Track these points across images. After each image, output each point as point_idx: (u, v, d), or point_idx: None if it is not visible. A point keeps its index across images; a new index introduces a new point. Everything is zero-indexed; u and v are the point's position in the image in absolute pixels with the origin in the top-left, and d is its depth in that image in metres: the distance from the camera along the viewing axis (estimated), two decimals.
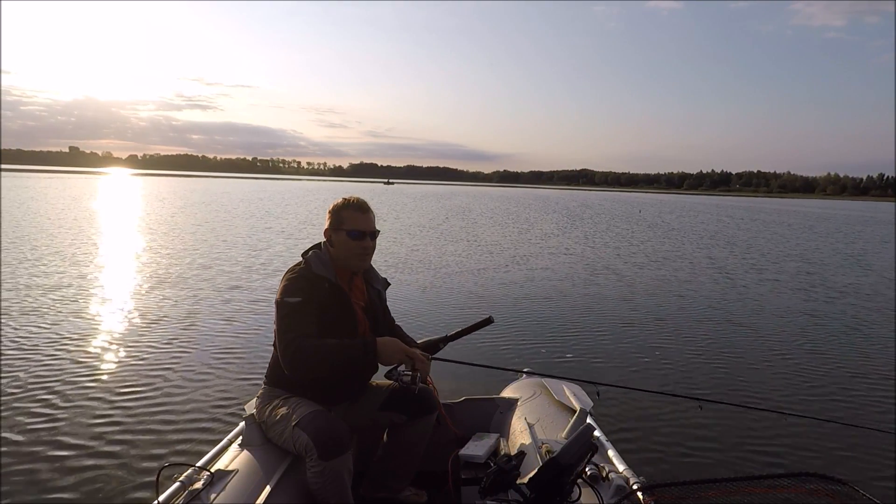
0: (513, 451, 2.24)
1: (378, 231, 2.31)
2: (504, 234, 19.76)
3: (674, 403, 4.49)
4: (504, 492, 1.55)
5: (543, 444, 2.13)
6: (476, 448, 2.40)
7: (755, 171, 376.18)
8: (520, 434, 2.38)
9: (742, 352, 6.28)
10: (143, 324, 6.54)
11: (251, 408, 2.29)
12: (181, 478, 1.82)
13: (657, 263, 13.34)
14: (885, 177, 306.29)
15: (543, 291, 9.32)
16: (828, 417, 4.35)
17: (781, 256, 16.09)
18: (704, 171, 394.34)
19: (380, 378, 2.39)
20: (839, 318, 8.16)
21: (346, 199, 2.27)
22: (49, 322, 6.42)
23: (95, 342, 5.79)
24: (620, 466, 1.92)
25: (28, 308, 6.99)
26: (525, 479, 1.53)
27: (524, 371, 3.04)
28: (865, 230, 30.69)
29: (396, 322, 2.57)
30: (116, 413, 4.11)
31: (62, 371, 4.91)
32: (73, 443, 3.65)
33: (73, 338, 5.88)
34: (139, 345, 5.74)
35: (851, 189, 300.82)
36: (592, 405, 2.50)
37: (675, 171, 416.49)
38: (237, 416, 3.74)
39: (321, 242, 2.32)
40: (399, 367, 2.15)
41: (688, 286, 10.40)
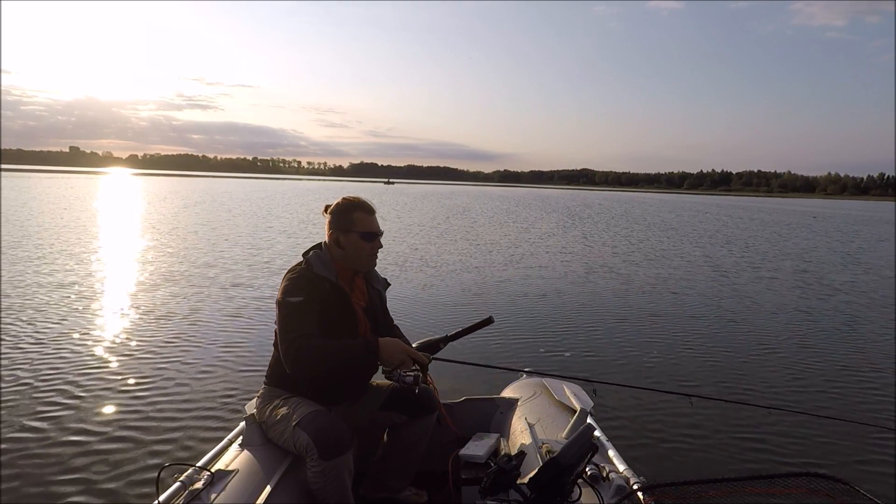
0: (513, 451, 2.24)
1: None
2: (504, 234, 19.76)
3: (674, 403, 4.49)
4: (504, 492, 1.55)
5: (544, 444, 2.13)
6: (476, 448, 2.39)
7: (755, 171, 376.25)
8: (520, 434, 2.38)
9: (739, 349, 6.35)
10: (144, 323, 6.54)
11: (251, 408, 2.29)
12: (181, 477, 1.82)
13: (656, 262, 13.35)
14: (886, 176, 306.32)
15: (543, 291, 9.32)
16: (826, 414, 4.40)
17: (778, 255, 16.19)
18: (705, 171, 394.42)
19: (380, 378, 2.39)
20: (833, 315, 8.27)
21: (351, 200, 2.26)
22: (49, 321, 6.42)
23: (96, 342, 5.79)
24: (621, 466, 1.92)
25: (28, 307, 6.99)
26: (525, 479, 1.53)
27: (524, 371, 3.04)
28: (863, 229, 30.75)
29: (396, 322, 2.58)
30: (117, 413, 4.11)
31: (62, 371, 4.91)
32: (74, 442, 3.65)
33: (74, 337, 5.88)
34: (139, 344, 5.74)
35: (852, 189, 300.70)
36: (593, 405, 2.50)
37: (676, 171, 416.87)
38: (237, 416, 3.74)
39: (321, 243, 2.31)
40: (399, 369, 2.15)
41: (686, 285, 10.43)
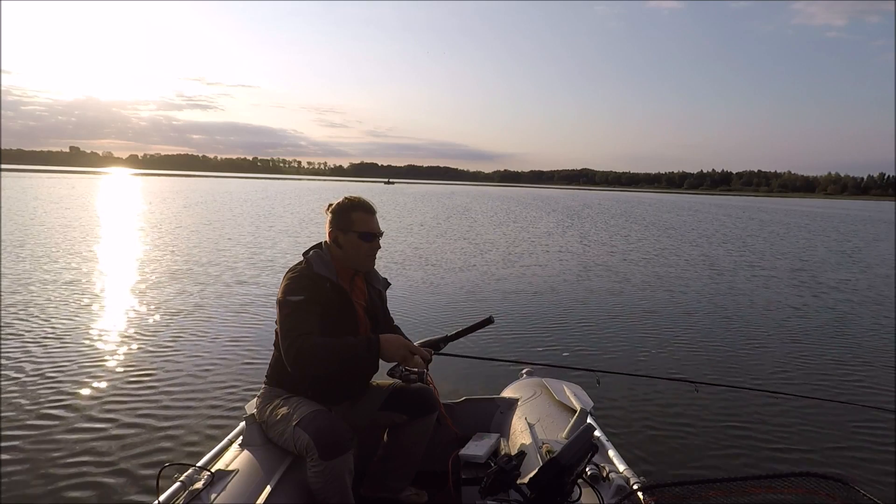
0: (513, 451, 2.24)
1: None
2: (504, 234, 19.76)
3: (674, 404, 4.52)
4: (504, 492, 1.55)
5: (544, 444, 2.13)
6: (476, 448, 2.39)
7: (756, 171, 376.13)
8: (520, 434, 2.38)
9: (739, 343, 6.52)
10: (144, 323, 6.54)
11: (252, 407, 2.29)
12: (182, 478, 1.81)
13: (655, 261, 13.37)
14: (886, 176, 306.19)
15: (543, 290, 9.33)
16: (829, 397, 4.62)
17: (775, 253, 16.36)
18: (705, 171, 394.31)
19: (380, 378, 2.39)
20: (827, 311, 8.48)
21: (352, 200, 2.26)
22: (49, 321, 6.42)
23: (96, 341, 5.79)
24: (621, 466, 1.92)
25: (29, 307, 6.99)
26: (525, 479, 1.53)
27: (524, 371, 3.04)
28: (860, 229, 30.88)
29: (396, 322, 2.57)
30: (117, 413, 4.11)
31: (63, 370, 4.91)
32: (74, 442, 3.65)
33: (74, 337, 5.88)
34: (139, 344, 5.74)
35: (852, 188, 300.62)
36: (593, 405, 2.50)
37: (676, 171, 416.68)
38: (237, 416, 3.74)
39: (322, 242, 2.31)
40: (401, 365, 2.15)
41: (685, 283, 10.51)
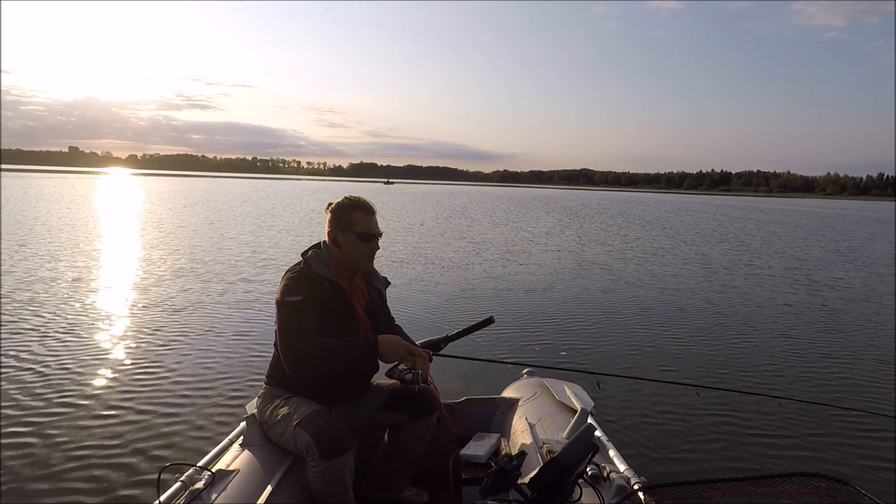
0: (514, 451, 2.24)
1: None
2: (504, 234, 19.76)
3: (675, 403, 4.53)
4: (505, 492, 1.55)
5: (544, 444, 2.13)
6: (477, 448, 2.40)
7: (755, 171, 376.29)
8: (521, 434, 2.38)
9: (740, 343, 6.53)
10: (144, 323, 6.53)
11: (252, 408, 2.29)
12: (182, 478, 1.82)
13: (654, 260, 13.39)
14: (885, 176, 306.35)
15: (543, 290, 9.33)
16: (830, 403, 4.61)
17: (771, 252, 16.53)
18: (704, 171, 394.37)
19: (380, 378, 2.39)
20: (819, 309, 8.61)
21: (352, 200, 2.25)
22: (50, 320, 6.42)
23: (97, 341, 5.78)
24: (621, 466, 1.92)
25: (30, 306, 6.98)
26: (526, 479, 1.53)
27: (525, 371, 3.04)
28: (857, 228, 31.00)
29: (397, 322, 2.57)
30: (117, 413, 4.11)
31: (63, 370, 4.90)
32: (74, 442, 3.65)
33: (74, 336, 5.87)
34: (140, 344, 5.74)
35: (851, 189, 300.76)
36: (593, 405, 2.50)
37: (675, 171, 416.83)
38: (238, 416, 3.74)
39: (321, 242, 2.31)
40: (400, 366, 2.15)
41: (682, 283, 10.55)
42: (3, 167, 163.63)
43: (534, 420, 2.43)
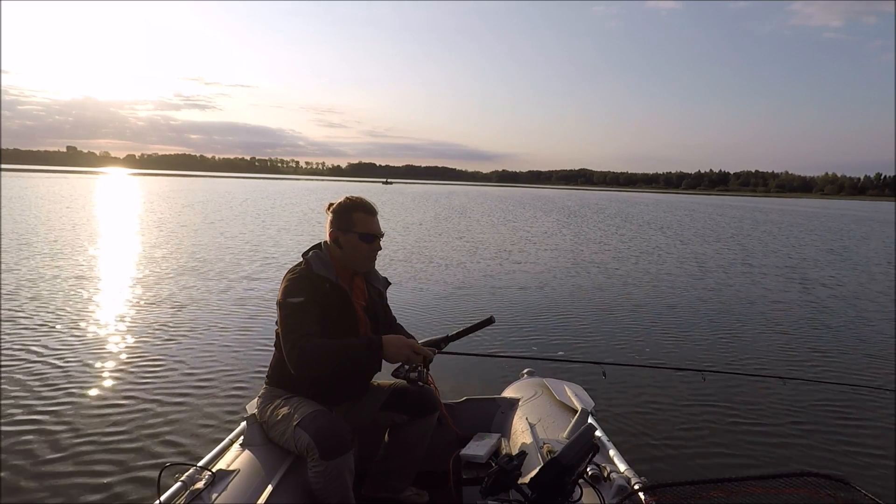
0: (514, 451, 2.24)
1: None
2: (502, 234, 19.75)
3: (675, 403, 4.55)
4: (505, 492, 1.55)
5: (545, 444, 2.13)
6: (477, 448, 2.40)
7: (753, 171, 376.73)
8: (521, 434, 2.38)
9: (739, 335, 6.76)
10: (145, 323, 6.52)
11: (252, 407, 2.29)
12: (182, 478, 1.82)
13: (651, 259, 13.45)
14: (883, 176, 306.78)
15: (542, 289, 9.34)
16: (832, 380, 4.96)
17: (765, 251, 16.79)
18: (703, 171, 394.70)
19: (381, 378, 2.39)
20: (810, 305, 8.88)
21: (353, 200, 2.25)
22: (50, 320, 6.41)
23: (97, 340, 5.77)
24: (622, 466, 1.93)
25: (28, 306, 6.96)
26: (526, 479, 1.54)
27: (525, 371, 3.04)
28: (853, 228, 31.16)
29: (398, 322, 2.57)
30: (118, 413, 4.10)
31: (63, 370, 4.89)
32: (74, 442, 3.64)
33: (75, 336, 5.86)
34: (140, 344, 5.73)
35: (849, 189, 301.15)
36: (594, 405, 2.51)
37: (674, 171, 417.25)
38: (238, 416, 3.74)
39: (321, 242, 2.31)
40: (405, 365, 2.15)
41: (679, 280, 10.72)
42: (2, 167, 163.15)
43: (534, 420, 2.43)
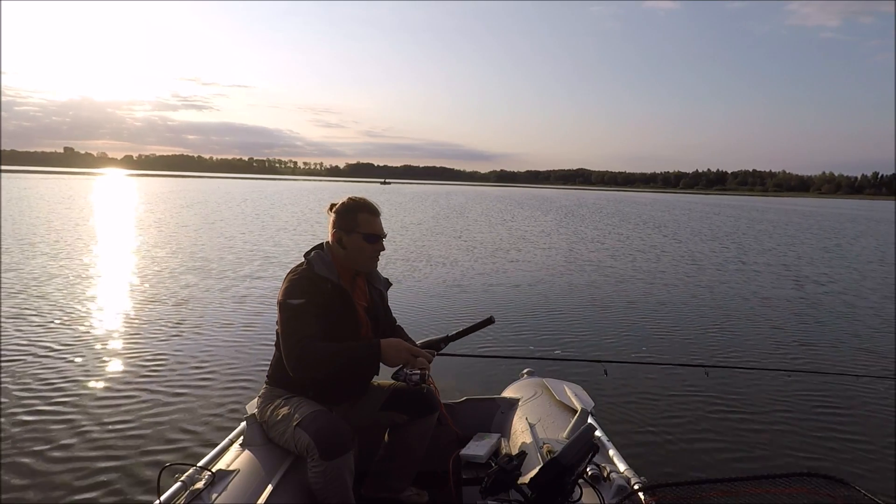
0: (514, 451, 2.24)
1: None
2: (501, 234, 19.75)
3: (676, 403, 4.56)
4: (505, 492, 1.56)
5: (545, 444, 2.13)
6: (477, 448, 2.40)
7: (751, 171, 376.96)
8: (521, 434, 2.38)
9: (742, 333, 6.85)
10: (145, 323, 6.52)
11: (252, 407, 2.30)
12: (182, 478, 1.82)
13: (649, 258, 13.49)
14: (880, 175, 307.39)
15: (542, 288, 9.37)
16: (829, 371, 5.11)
17: (760, 249, 17.00)
18: (700, 171, 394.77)
19: (382, 378, 2.39)
20: (800, 301, 9.09)
21: (356, 201, 2.26)
22: (50, 320, 6.40)
23: (97, 340, 5.77)
24: (622, 466, 1.93)
25: (27, 307, 6.95)
26: (526, 479, 1.54)
27: (525, 371, 3.05)
28: (848, 227, 31.26)
29: (398, 323, 2.57)
30: (117, 413, 4.10)
31: (63, 370, 4.89)
32: (74, 442, 3.64)
33: (75, 336, 5.86)
34: (140, 344, 5.73)
35: (846, 188, 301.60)
36: (594, 405, 2.51)
37: (672, 171, 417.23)
38: (238, 416, 3.74)
39: (323, 243, 2.31)
40: (405, 368, 2.15)
41: (676, 278, 10.82)
42: (1, 168, 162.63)
43: (534, 420, 2.44)
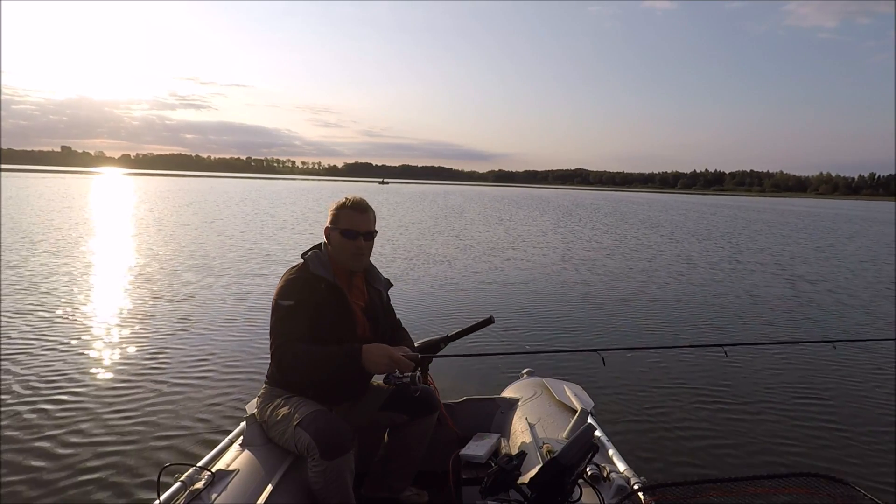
0: (514, 451, 2.24)
1: (375, 231, 2.29)
2: (499, 233, 19.75)
3: (675, 403, 4.58)
4: (505, 492, 1.56)
5: (544, 444, 2.13)
6: (477, 448, 2.40)
7: (748, 171, 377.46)
8: (521, 434, 2.38)
9: (730, 326, 6.93)
10: (145, 322, 6.51)
11: (252, 407, 2.30)
12: (182, 478, 1.82)
13: (646, 257, 13.55)
14: (877, 176, 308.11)
15: (540, 287, 9.39)
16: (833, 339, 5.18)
17: (754, 248, 17.26)
18: (698, 171, 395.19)
19: (381, 378, 2.40)
20: (792, 299, 9.25)
21: (345, 198, 2.28)
22: (50, 319, 6.39)
23: (97, 340, 5.76)
24: (621, 466, 1.93)
25: (27, 307, 6.93)
26: (526, 479, 1.54)
27: (525, 371, 3.05)
28: (842, 227, 31.41)
29: (402, 326, 2.54)
30: (117, 413, 4.09)
31: (63, 370, 4.88)
32: (74, 442, 3.64)
33: (75, 336, 5.84)
34: (140, 344, 5.72)
35: (843, 188, 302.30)
36: (593, 405, 2.52)
37: (670, 171, 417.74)
38: (238, 416, 3.74)
39: (322, 242, 2.32)
40: (396, 371, 2.14)
41: (672, 276, 10.97)
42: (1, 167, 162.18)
43: (534, 420, 2.44)
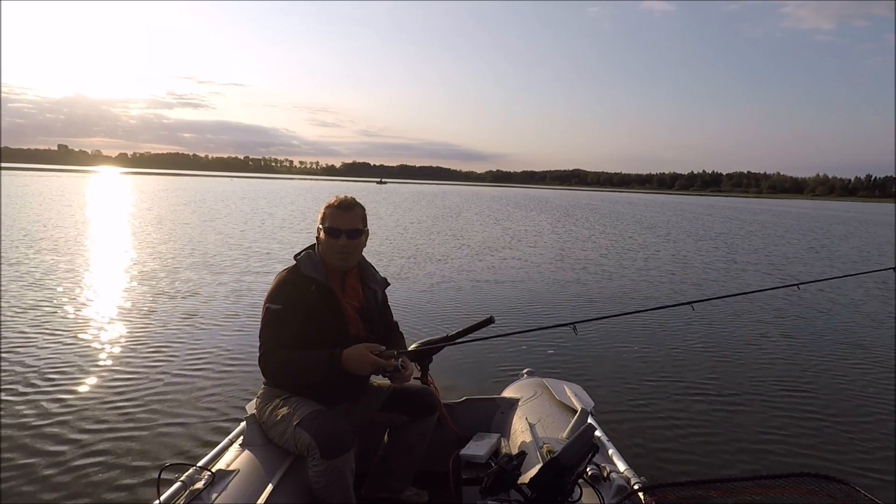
0: (514, 451, 2.25)
1: (360, 230, 2.25)
2: (497, 233, 19.76)
3: (675, 404, 4.59)
4: (505, 492, 1.57)
5: (544, 444, 2.13)
6: (477, 448, 2.41)
7: (745, 172, 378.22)
8: (521, 434, 2.39)
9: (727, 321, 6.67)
10: (143, 322, 6.50)
11: (252, 408, 2.30)
12: (182, 478, 1.82)
13: (643, 256, 13.55)
14: (873, 178, 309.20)
15: (539, 286, 9.42)
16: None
17: (750, 249, 17.47)
18: (696, 172, 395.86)
19: (381, 378, 2.40)
20: (784, 298, 9.24)
21: (335, 197, 2.28)
22: (50, 319, 6.37)
23: (96, 340, 5.75)
24: (622, 466, 1.94)
25: (27, 307, 6.91)
26: (526, 479, 1.55)
27: (525, 371, 3.05)
28: (833, 227, 31.67)
29: (399, 329, 2.53)
30: (117, 413, 4.09)
31: (63, 370, 4.87)
32: (75, 442, 3.63)
33: (74, 336, 5.83)
34: (140, 344, 5.71)
35: (840, 190, 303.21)
36: (594, 405, 2.52)
37: (667, 172, 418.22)
38: (238, 416, 3.73)
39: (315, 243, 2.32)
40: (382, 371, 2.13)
41: (667, 276, 10.97)
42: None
43: (534, 420, 2.44)
